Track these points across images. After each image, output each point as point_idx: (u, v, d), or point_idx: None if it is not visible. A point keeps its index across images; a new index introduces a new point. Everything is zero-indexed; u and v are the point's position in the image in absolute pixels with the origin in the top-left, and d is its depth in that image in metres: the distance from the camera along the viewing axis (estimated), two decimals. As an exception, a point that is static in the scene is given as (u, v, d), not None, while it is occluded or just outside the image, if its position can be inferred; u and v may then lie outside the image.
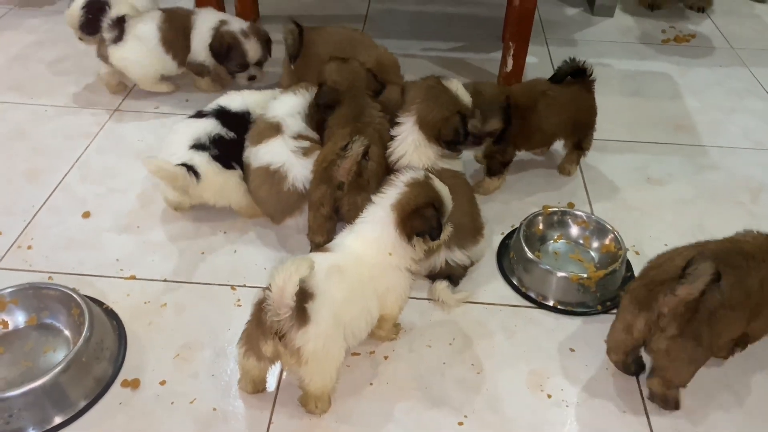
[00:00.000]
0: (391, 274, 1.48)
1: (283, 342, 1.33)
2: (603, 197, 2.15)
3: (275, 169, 1.86)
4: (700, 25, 3.25)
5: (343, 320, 1.39)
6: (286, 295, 1.27)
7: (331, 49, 2.25)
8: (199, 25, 2.40)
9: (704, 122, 2.55)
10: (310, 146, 1.90)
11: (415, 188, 1.49)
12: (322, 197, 1.76)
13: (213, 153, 1.91)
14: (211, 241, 1.94)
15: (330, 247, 1.50)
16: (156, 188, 2.10)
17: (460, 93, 1.83)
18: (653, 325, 1.41)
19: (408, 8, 3.36)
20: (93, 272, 1.83)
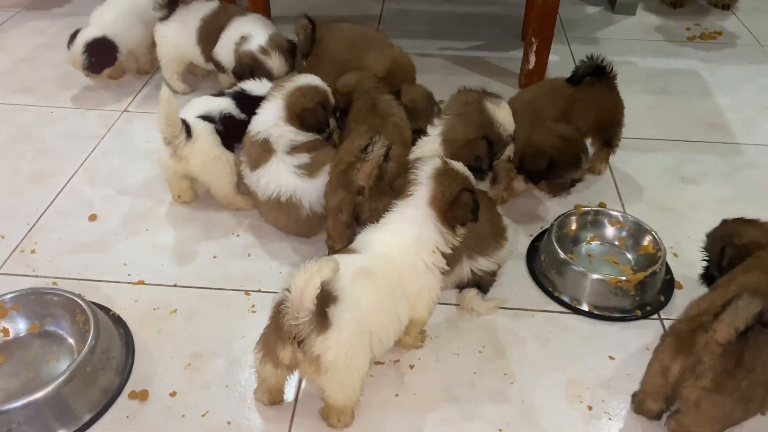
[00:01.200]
0: (423, 276, 1.38)
1: (302, 348, 1.23)
2: (635, 197, 2.04)
3: (287, 199, 1.75)
4: (725, 22, 3.14)
5: (370, 327, 1.29)
6: (306, 297, 1.17)
7: (344, 46, 2.16)
8: (229, 32, 2.29)
9: (737, 120, 2.43)
10: (313, 160, 1.77)
11: (443, 179, 1.40)
12: (340, 203, 1.65)
13: (218, 128, 1.85)
14: (223, 244, 1.84)
15: (356, 247, 1.39)
16: (165, 191, 2.01)
17: (498, 117, 1.66)
18: (688, 370, 1.24)
19: (423, 8, 3.27)
20: (99, 277, 1.73)
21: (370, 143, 1.57)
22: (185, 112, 1.87)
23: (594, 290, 1.65)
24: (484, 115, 1.66)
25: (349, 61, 2.12)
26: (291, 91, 1.80)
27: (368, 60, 2.11)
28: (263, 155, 1.78)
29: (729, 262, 1.47)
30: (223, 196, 1.91)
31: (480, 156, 1.63)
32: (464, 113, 1.67)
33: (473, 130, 1.65)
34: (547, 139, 1.78)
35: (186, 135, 1.79)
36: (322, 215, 1.79)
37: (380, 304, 1.31)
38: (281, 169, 1.76)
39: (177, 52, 2.42)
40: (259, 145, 1.78)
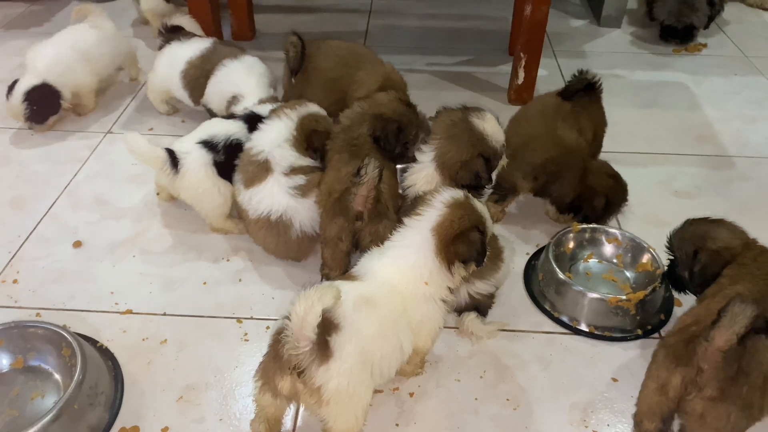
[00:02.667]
0: (425, 305, 1.33)
1: (302, 379, 1.18)
2: (629, 212, 2.02)
3: (277, 219, 1.71)
4: (710, 35, 3.16)
5: (372, 357, 1.24)
6: (307, 326, 1.12)
7: (335, 63, 2.13)
8: (218, 80, 2.16)
9: (726, 132, 2.43)
10: (308, 181, 1.73)
11: (456, 210, 1.34)
12: (340, 231, 1.61)
13: (218, 158, 1.80)
14: (213, 269, 1.79)
15: (357, 274, 1.35)
16: (153, 215, 1.96)
17: (488, 131, 1.62)
18: (690, 383, 1.21)
19: (408, 23, 3.26)
20: (85, 307, 1.67)
21: (362, 167, 1.53)
22: (188, 136, 1.84)
23: (594, 310, 1.62)
24: (474, 133, 1.62)
25: (340, 78, 2.08)
26: (304, 114, 1.78)
27: (360, 77, 2.07)
28: (260, 174, 1.74)
29: (702, 268, 1.46)
30: (211, 222, 1.87)
31: (479, 173, 1.60)
32: (454, 135, 1.62)
33: (467, 150, 1.61)
34: (600, 180, 1.83)
35: (172, 167, 1.75)
36: (311, 237, 1.75)
37: (383, 333, 1.27)
38: (275, 189, 1.72)
39: (162, 86, 2.33)
40: (259, 164, 1.74)
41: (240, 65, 2.17)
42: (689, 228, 1.56)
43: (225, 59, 2.17)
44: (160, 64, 2.30)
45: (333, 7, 3.39)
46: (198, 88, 2.22)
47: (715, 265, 1.42)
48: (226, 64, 2.16)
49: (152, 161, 1.76)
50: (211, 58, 2.20)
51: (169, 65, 2.26)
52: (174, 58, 2.25)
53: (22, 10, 3.25)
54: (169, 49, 2.28)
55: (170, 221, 1.95)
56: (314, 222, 1.73)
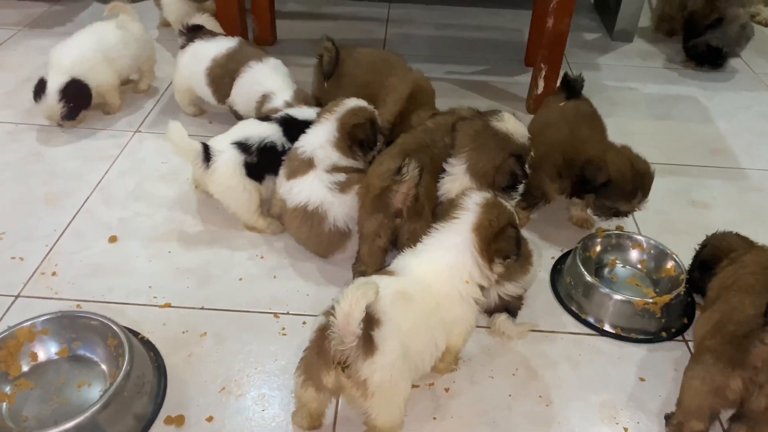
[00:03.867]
0: (459, 305, 1.38)
1: (347, 373, 1.22)
2: (649, 220, 2.08)
3: (313, 210, 1.76)
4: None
5: (410, 351, 1.28)
6: (353, 321, 1.16)
7: (366, 69, 2.19)
8: (245, 81, 2.20)
9: (739, 145, 2.51)
10: (348, 179, 1.79)
11: (492, 209, 1.41)
12: (378, 228, 1.66)
13: (250, 160, 1.85)
14: (247, 266, 1.83)
15: (393, 270, 1.39)
16: (185, 212, 2.00)
17: (511, 130, 1.68)
18: (750, 383, 1.27)
19: (426, 32, 3.32)
20: (124, 300, 1.70)
21: (403, 165, 1.58)
22: (224, 135, 1.89)
23: (621, 312, 1.67)
24: (500, 136, 1.67)
25: (371, 83, 2.14)
26: (343, 113, 1.82)
27: (391, 82, 2.13)
28: (303, 168, 1.80)
29: (702, 260, 1.61)
30: (245, 220, 1.91)
31: (514, 172, 1.66)
32: (481, 144, 1.66)
33: (498, 155, 1.66)
34: (617, 160, 1.81)
35: (204, 162, 1.81)
36: (342, 233, 1.80)
37: (418, 329, 1.31)
38: (315, 182, 1.78)
39: (186, 85, 2.38)
40: (303, 160, 1.80)
41: (266, 67, 2.22)
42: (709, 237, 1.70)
43: (251, 61, 2.21)
44: (183, 63, 2.34)
45: (352, 15, 3.45)
46: (222, 87, 2.26)
47: (713, 257, 1.56)
48: (252, 65, 2.20)
49: (187, 153, 1.81)
50: (237, 58, 2.24)
51: (193, 63, 2.30)
52: (199, 56, 2.29)
53: (44, 10, 3.29)
54: (192, 47, 2.32)
55: (203, 219, 1.99)
56: (347, 218, 1.78)
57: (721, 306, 1.39)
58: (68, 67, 2.28)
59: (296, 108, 2.06)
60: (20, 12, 3.24)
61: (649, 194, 1.85)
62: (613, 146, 1.87)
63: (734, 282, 1.43)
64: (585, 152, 1.84)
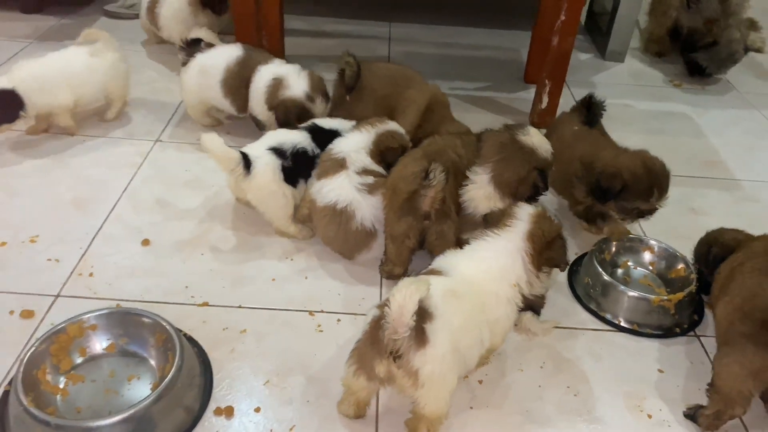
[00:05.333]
0: (504, 306, 1.47)
1: (399, 363, 1.30)
2: (654, 227, 2.19)
3: (342, 208, 1.85)
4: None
5: (459, 346, 1.36)
6: (406, 313, 1.23)
7: (385, 82, 2.29)
8: (257, 83, 2.30)
9: (731, 158, 2.66)
10: (375, 182, 1.88)
11: (544, 221, 1.50)
12: (408, 230, 1.74)
13: (286, 164, 1.93)
14: (279, 268, 1.90)
15: (441, 270, 1.48)
16: (213, 218, 2.06)
17: (536, 145, 1.78)
18: None
19: (428, 50, 3.45)
20: (162, 299, 1.75)
21: (431, 170, 1.67)
22: (257, 143, 1.97)
23: (637, 309, 1.78)
24: (525, 150, 1.77)
25: (390, 96, 2.24)
26: (383, 131, 1.96)
27: (409, 95, 2.24)
28: (335, 168, 1.89)
29: (714, 257, 1.70)
30: (278, 226, 1.98)
31: (537, 184, 1.76)
32: (506, 156, 1.76)
33: (523, 167, 1.75)
34: (629, 163, 1.92)
35: (245, 169, 1.87)
36: (368, 233, 1.87)
37: (468, 325, 1.38)
38: (345, 183, 1.86)
39: (198, 100, 2.44)
40: (336, 161, 1.89)
41: (273, 65, 2.33)
42: (703, 237, 1.82)
43: (259, 65, 2.32)
44: (190, 79, 2.40)
45: (355, 34, 3.57)
46: (240, 97, 2.35)
47: (725, 255, 1.66)
48: (260, 69, 2.31)
49: (227, 161, 1.87)
50: (250, 64, 2.33)
51: (202, 77, 2.37)
52: (208, 69, 2.36)
53: (54, 24, 3.34)
54: (197, 62, 2.38)
55: (232, 224, 2.05)
56: (374, 219, 1.86)
57: (740, 290, 1.49)
58: (18, 79, 2.22)
59: (322, 119, 2.15)
60: (30, 24, 3.28)
61: (667, 191, 1.95)
62: (626, 151, 1.99)
63: (743, 263, 1.55)
64: (599, 162, 1.95)
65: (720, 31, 3.17)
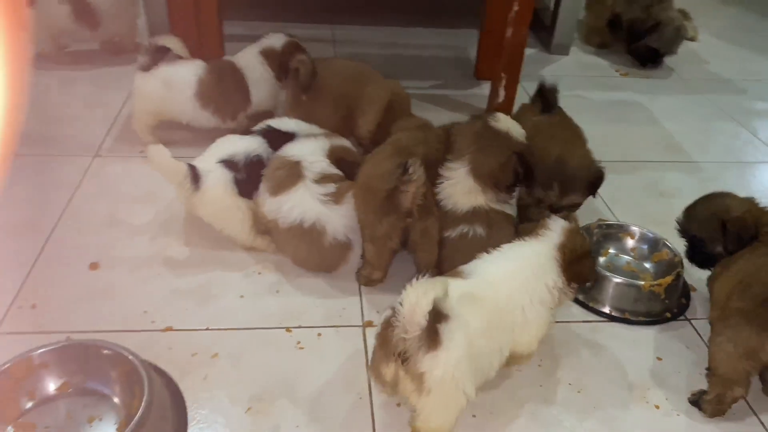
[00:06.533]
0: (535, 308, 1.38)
1: (406, 365, 1.18)
2: (628, 213, 2.16)
3: (310, 226, 1.70)
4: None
5: (476, 352, 1.25)
6: (419, 311, 1.13)
7: (342, 81, 2.17)
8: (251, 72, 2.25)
9: (688, 142, 2.67)
10: (339, 188, 1.75)
11: (575, 235, 1.44)
12: (391, 229, 1.63)
13: (239, 176, 1.78)
14: (247, 283, 1.74)
15: (462, 273, 1.38)
16: (168, 233, 1.88)
17: (511, 129, 1.71)
18: None
19: (373, 51, 3.35)
20: (120, 327, 1.57)
21: (408, 165, 1.57)
22: (207, 155, 1.80)
23: (628, 296, 1.72)
24: (501, 136, 1.70)
25: (349, 94, 2.13)
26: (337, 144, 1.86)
27: (368, 92, 2.12)
28: (289, 180, 1.73)
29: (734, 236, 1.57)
30: (242, 241, 1.82)
31: (517, 170, 1.68)
32: (484, 145, 1.68)
33: (502, 153, 1.67)
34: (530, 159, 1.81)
35: (193, 183, 1.71)
36: (344, 245, 1.74)
37: (488, 330, 1.29)
38: (307, 196, 1.71)
39: (154, 112, 2.22)
40: (288, 168, 1.74)
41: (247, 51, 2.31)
42: (704, 203, 1.71)
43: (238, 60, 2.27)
44: (151, 88, 2.17)
45: (298, 37, 3.42)
46: (228, 104, 2.22)
47: (747, 230, 1.55)
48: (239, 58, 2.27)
49: (173, 175, 1.71)
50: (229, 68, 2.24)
51: (165, 89, 2.16)
52: (175, 82, 2.16)
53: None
54: (159, 72, 2.16)
55: (190, 238, 1.87)
56: (347, 229, 1.73)
57: (745, 266, 1.45)
58: None
59: (277, 119, 2.00)
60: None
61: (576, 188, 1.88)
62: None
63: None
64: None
65: (659, 12, 3.24)
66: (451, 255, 1.67)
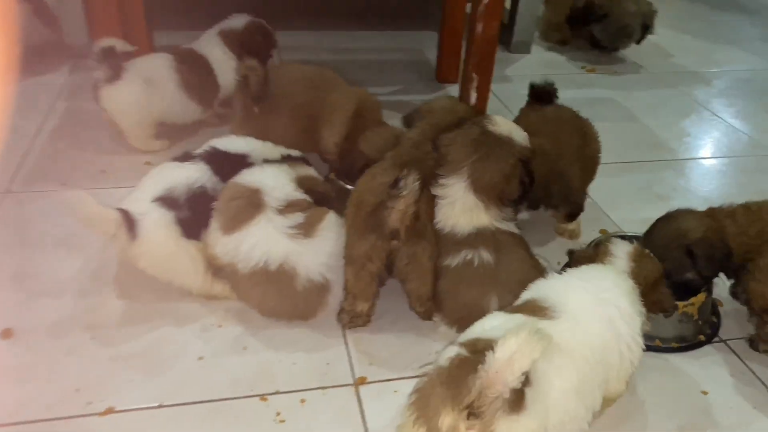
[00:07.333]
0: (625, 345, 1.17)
1: (473, 419, 0.95)
2: (627, 220, 1.95)
3: (277, 268, 1.39)
4: (612, 55, 3.31)
5: (556, 420, 1.03)
6: (517, 369, 0.90)
7: (301, 88, 1.88)
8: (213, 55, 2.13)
9: (672, 139, 2.50)
10: (309, 216, 1.46)
11: (644, 259, 1.27)
12: (371, 250, 1.34)
13: (182, 215, 1.45)
14: (205, 340, 1.41)
15: (546, 303, 1.14)
16: (100, 285, 1.54)
17: (513, 133, 1.46)
18: None
19: (324, 58, 3.04)
20: (46, 415, 1.22)
21: (401, 177, 1.29)
22: (138, 193, 1.46)
23: (656, 320, 1.47)
24: (504, 141, 1.44)
25: (310, 103, 1.84)
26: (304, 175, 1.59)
27: (333, 100, 1.84)
28: (247, 212, 1.42)
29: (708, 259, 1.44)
30: (197, 290, 1.49)
31: (522, 178, 1.43)
32: (485, 153, 1.42)
33: (506, 162, 1.42)
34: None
35: (128, 231, 1.39)
36: (320, 286, 1.44)
37: (576, 393, 1.07)
38: (270, 231, 1.41)
39: (147, 114, 2.01)
40: (245, 197, 1.43)
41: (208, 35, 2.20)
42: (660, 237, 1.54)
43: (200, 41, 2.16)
44: (133, 93, 1.96)
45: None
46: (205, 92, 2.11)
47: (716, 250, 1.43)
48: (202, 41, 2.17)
49: (104, 224, 1.37)
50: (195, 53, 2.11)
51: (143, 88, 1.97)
52: (155, 77, 2.00)
53: None
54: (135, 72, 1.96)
55: (126, 290, 1.53)
56: (324, 267, 1.43)
57: None
58: None
59: (222, 139, 1.68)
60: None
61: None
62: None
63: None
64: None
65: (613, 4, 3.12)
66: (454, 287, 1.40)
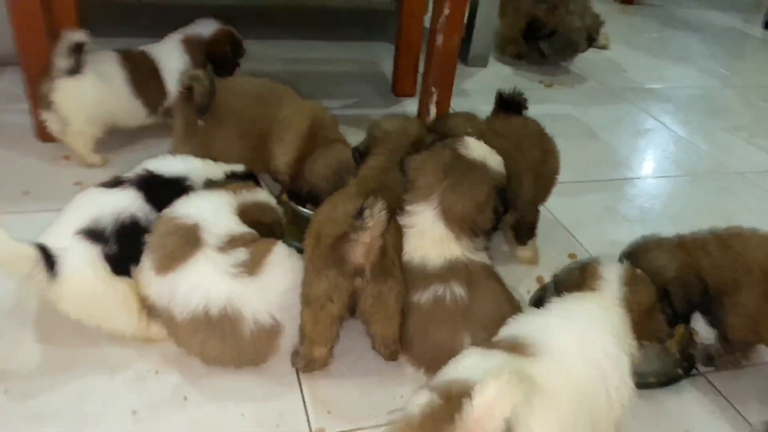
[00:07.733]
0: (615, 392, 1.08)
1: None
2: (595, 243, 1.87)
3: (220, 314, 1.24)
4: (567, 70, 3.28)
5: None
6: (496, 418, 0.84)
7: (249, 102, 1.73)
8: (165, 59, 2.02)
9: (633, 156, 2.47)
10: (254, 252, 1.30)
11: (637, 283, 1.20)
12: (330, 289, 1.20)
13: (109, 250, 1.28)
14: (139, 391, 1.24)
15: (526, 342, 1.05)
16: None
17: (487, 158, 1.35)
18: None
19: (276, 68, 2.88)
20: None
21: (365, 207, 1.15)
22: (59, 225, 1.29)
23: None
24: (477, 166, 1.33)
25: (259, 119, 1.69)
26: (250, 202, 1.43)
27: (284, 115, 1.69)
28: (183, 250, 1.26)
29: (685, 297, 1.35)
30: (130, 334, 1.31)
31: (496, 207, 1.32)
32: (456, 180, 1.31)
33: (480, 190, 1.32)
34: None
35: (47, 271, 1.20)
36: (270, 330, 1.28)
37: None
38: (210, 271, 1.25)
39: (102, 111, 1.87)
40: (180, 234, 1.27)
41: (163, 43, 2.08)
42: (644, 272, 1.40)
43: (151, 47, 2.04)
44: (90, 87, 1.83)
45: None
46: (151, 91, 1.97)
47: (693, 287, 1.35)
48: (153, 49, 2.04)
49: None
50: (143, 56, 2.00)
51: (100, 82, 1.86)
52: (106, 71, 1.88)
53: None
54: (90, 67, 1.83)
55: (46, 332, 1.34)
56: (273, 307, 1.28)
57: None
58: None
59: (157, 159, 1.51)
60: None
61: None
62: None
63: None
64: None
65: (559, 20, 3.12)
66: (422, 326, 1.28)
